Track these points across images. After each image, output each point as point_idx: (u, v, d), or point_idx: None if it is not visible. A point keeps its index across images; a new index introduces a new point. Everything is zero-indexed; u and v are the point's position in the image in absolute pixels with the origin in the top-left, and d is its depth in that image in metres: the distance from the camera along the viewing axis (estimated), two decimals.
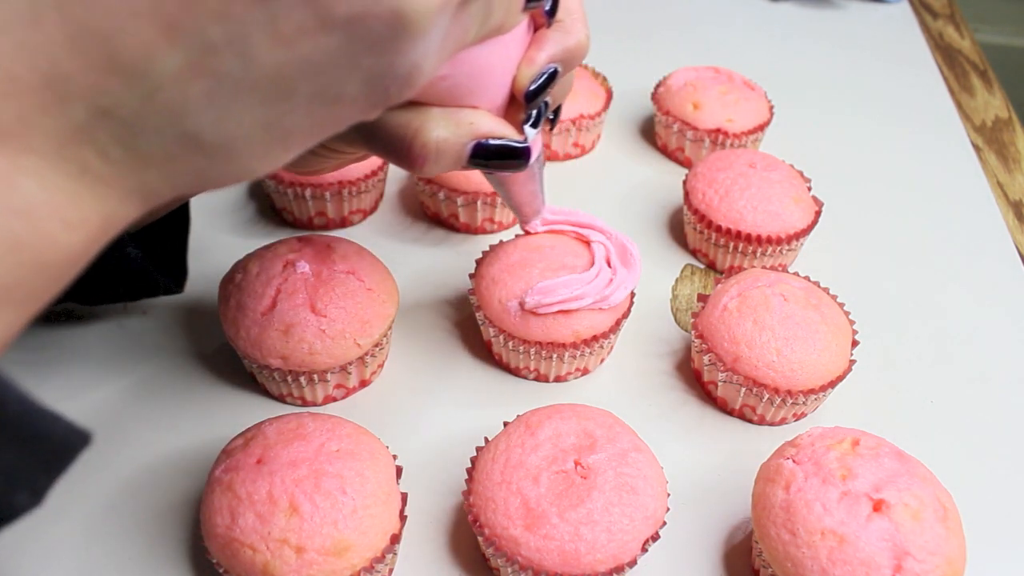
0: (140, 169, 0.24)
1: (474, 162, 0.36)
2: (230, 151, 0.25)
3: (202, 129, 0.24)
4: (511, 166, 0.37)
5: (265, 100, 0.24)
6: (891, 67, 0.90)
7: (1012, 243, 0.69)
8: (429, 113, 0.34)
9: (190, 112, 0.23)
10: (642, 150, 0.76)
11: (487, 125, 0.35)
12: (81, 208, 0.23)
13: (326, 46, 0.23)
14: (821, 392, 0.51)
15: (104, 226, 0.24)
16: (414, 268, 0.61)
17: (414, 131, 0.33)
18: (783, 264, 0.63)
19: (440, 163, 0.35)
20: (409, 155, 0.34)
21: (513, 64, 0.35)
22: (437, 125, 0.34)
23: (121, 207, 0.25)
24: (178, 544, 0.45)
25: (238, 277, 0.50)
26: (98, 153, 0.23)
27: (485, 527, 0.41)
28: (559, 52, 0.36)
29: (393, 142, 0.34)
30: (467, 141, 0.35)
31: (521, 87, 0.36)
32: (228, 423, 0.50)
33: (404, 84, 0.26)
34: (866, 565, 0.38)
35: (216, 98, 0.23)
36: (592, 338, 0.52)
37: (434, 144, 0.34)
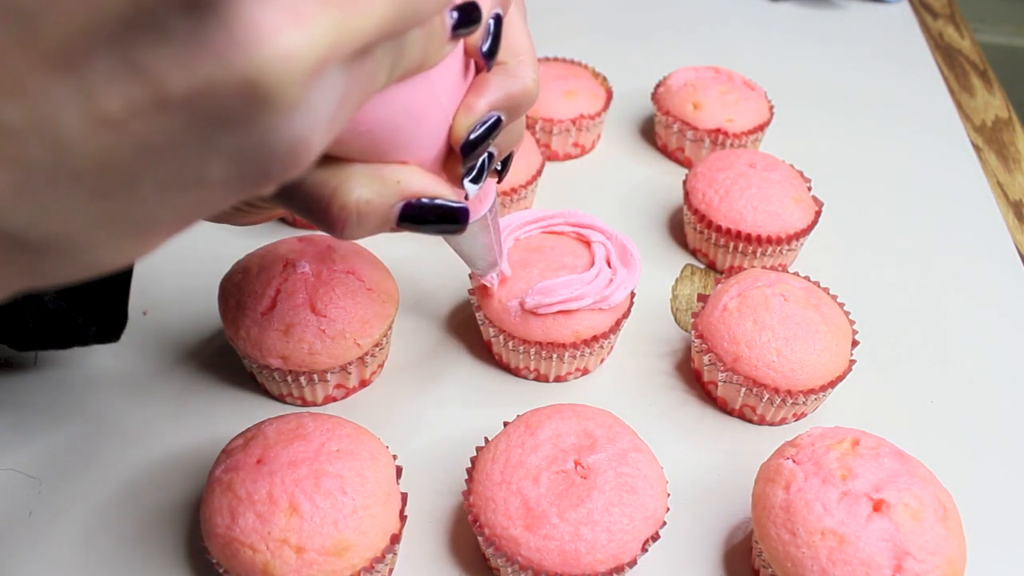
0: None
1: (404, 225, 0.31)
2: (65, 246, 0.20)
3: (18, 226, 0.19)
4: (447, 229, 0.32)
5: (98, 191, 0.19)
6: (891, 67, 0.90)
7: (1012, 243, 0.69)
8: (349, 171, 0.29)
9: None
10: (642, 150, 0.76)
11: (417, 183, 0.31)
12: None
13: (166, 127, 0.19)
14: (821, 392, 0.51)
15: None
16: (414, 268, 0.61)
17: (332, 191, 0.29)
18: (783, 264, 0.63)
19: (363, 226, 0.30)
20: (328, 218, 0.29)
21: (448, 112, 0.31)
22: (358, 184, 0.29)
23: None
24: (178, 544, 0.45)
25: (238, 277, 0.50)
26: None
27: (485, 527, 0.41)
28: (501, 98, 0.32)
29: (311, 203, 0.29)
30: (394, 202, 0.30)
31: (458, 138, 0.31)
32: (228, 423, 0.50)
33: (286, 162, 0.21)
34: (866, 565, 0.38)
35: (28, 192, 0.19)
36: (592, 338, 0.52)
37: (354, 206, 0.29)
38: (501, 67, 0.32)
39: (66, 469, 0.48)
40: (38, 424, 0.50)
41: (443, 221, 0.32)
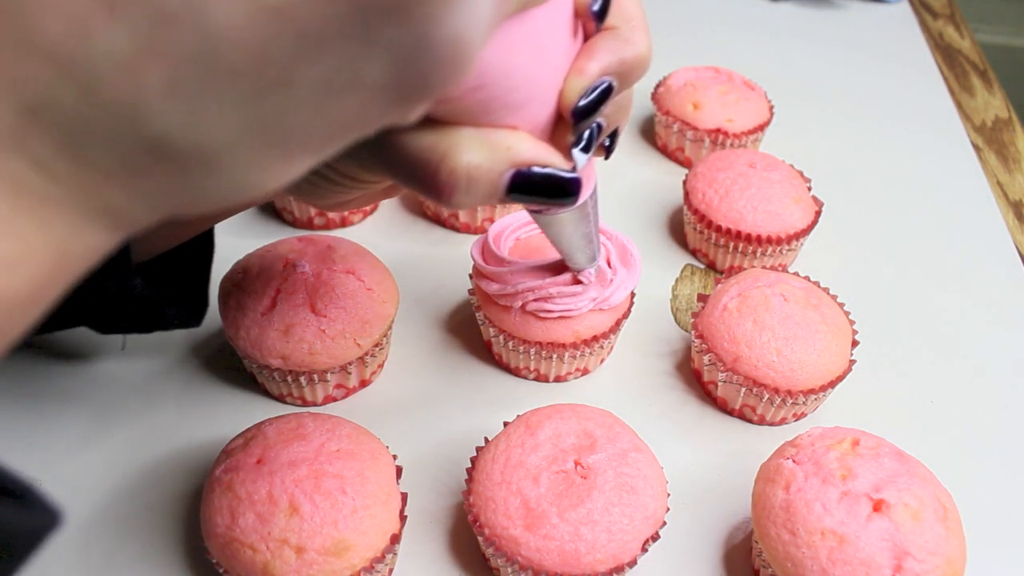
0: (97, 186, 0.19)
1: (513, 195, 0.30)
2: (212, 160, 0.19)
3: (167, 131, 0.18)
4: (558, 201, 0.31)
5: (251, 93, 0.18)
6: (891, 67, 0.90)
7: (1012, 243, 0.69)
8: (459, 134, 0.28)
9: (149, 110, 0.18)
10: (642, 150, 0.76)
11: (528, 150, 0.29)
12: (21, 239, 0.18)
13: (328, 14, 0.18)
14: (821, 392, 0.51)
15: (59, 260, 0.19)
16: (414, 268, 0.61)
17: (441, 155, 0.28)
18: (783, 264, 0.63)
19: (472, 194, 0.29)
20: (435, 183, 0.28)
21: (558, 75, 0.30)
22: (468, 148, 0.28)
23: (82, 235, 0.19)
24: (178, 544, 0.45)
25: (238, 277, 0.50)
26: (36, 166, 0.18)
27: (485, 527, 0.41)
28: (615, 63, 0.30)
29: (417, 168, 0.28)
30: (504, 169, 0.29)
31: (569, 102, 0.30)
32: (228, 423, 0.50)
33: (448, 66, 0.20)
34: (866, 565, 0.38)
35: (181, 90, 0.18)
36: (592, 338, 0.52)
37: (464, 171, 0.28)
38: (613, 32, 0.31)
39: (66, 469, 0.48)
40: (38, 423, 0.50)
41: (554, 192, 0.31)
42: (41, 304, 0.20)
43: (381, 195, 0.37)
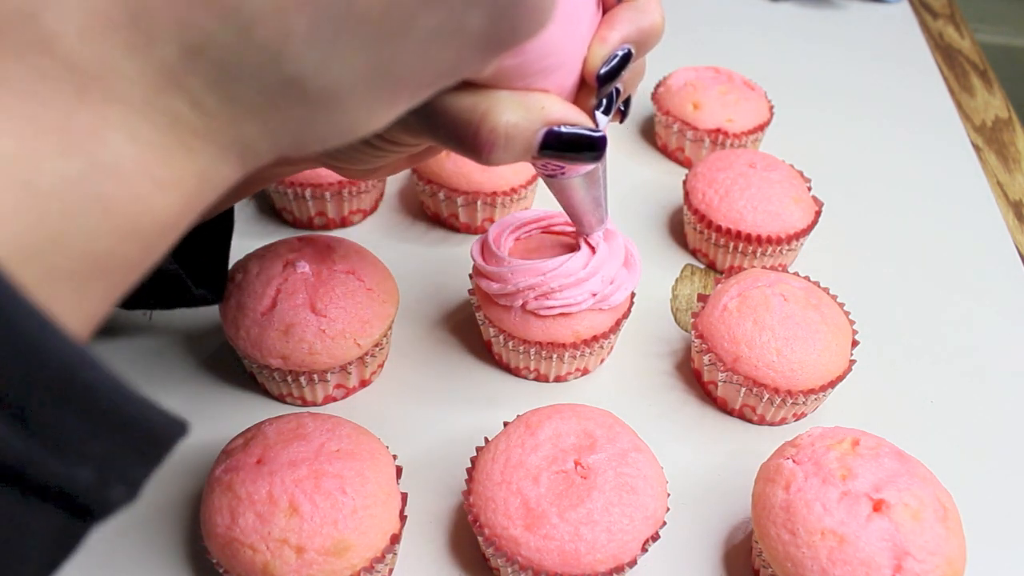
0: (237, 120, 0.21)
1: (545, 152, 0.33)
2: (334, 100, 0.22)
3: (304, 73, 0.21)
4: (585, 158, 0.34)
5: (374, 39, 0.21)
6: (891, 67, 0.90)
7: (1012, 243, 0.69)
8: (497, 96, 0.31)
9: (291, 52, 0.20)
10: (642, 150, 0.76)
11: (560, 110, 0.32)
12: (174, 166, 0.21)
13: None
14: (821, 392, 0.51)
15: (200, 187, 0.22)
16: (414, 268, 0.61)
17: (481, 115, 0.31)
18: (783, 264, 0.63)
19: (509, 150, 0.32)
20: (476, 142, 0.31)
21: (583, 44, 0.33)
22: (506, 109, 0.31)
23: (217, 166, 0.22)
24: (178, 544, 0.45)
25: (238, 277, 0.50)
26: (191, 101, 0.20)
27: (485, 527, 0.41)
28: (633, 32, 0.33)
29: (458, 128, 0.31)
30: (539, 127, 0.32)
31: (593, 68, 0.33)
32: (228, 423, 0.50)
33: (533, 18, 0.24)
34: (866, 565, 0.38)
35: (319, 34, 0.20)
36: (592, 338, 0.52)
37: (503, 129, 0.31)
38: (630, 3, 0.34)
39: None
40: None
41: (583, 148, 0.33)
42: (181, 227, 0.22)
43: (407, 162, 0.40)
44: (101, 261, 0.20)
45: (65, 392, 0.18)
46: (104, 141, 0.19)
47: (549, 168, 0.38)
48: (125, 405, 0.20)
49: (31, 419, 0.18)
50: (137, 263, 0.21)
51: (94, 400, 0.19)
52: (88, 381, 0.19)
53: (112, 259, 0.20)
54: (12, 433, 0.18)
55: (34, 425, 0.18)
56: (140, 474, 0.22)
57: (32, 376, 0.18)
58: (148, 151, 0.20)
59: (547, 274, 0.49)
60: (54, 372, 0.18)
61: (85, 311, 0.20)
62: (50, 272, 0.19)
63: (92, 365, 0.19)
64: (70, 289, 0.20)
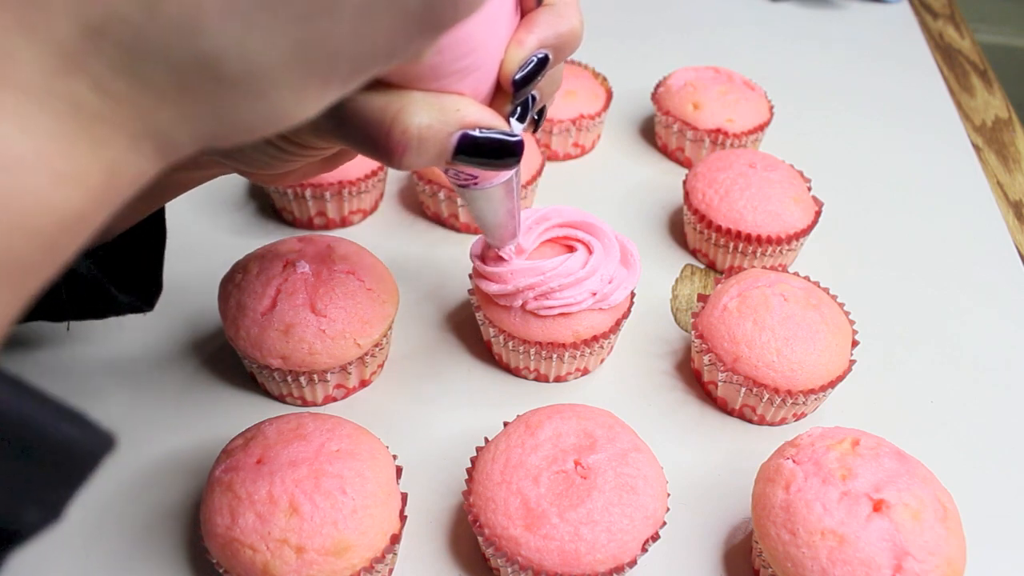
0: (148, 106, 0.20)
1: (459, 157, 0.31)
2: (256, 83, 0.20)
3: (221, 50, 0.19)
4: (501, 163, 0.33)
5: (301, 14, 0.20)
6: (891, 67, 0.90)
7: (1012, 243, 0.69)
8: (410, 96, 0.30)
9: (204, 27, 0.19)
10: (642, 150, 0.76)
11: (476, 113, 0.31)
12: (75, 158, 0.19)
13: None
14: (821, 392, 0.51)
15: (110, 181, 0.20)
16: (414, 268, 0.61)
17: (393, 116, 0.29)
18: (783, 264, 0.63)
19: (421, 154, 0.30)
20: (387, 144, 0.30)
21: (501, 47, 0.32)
22: (419, 110, 0.30)
23: (130, 158, 0.20)
24: (178, 544, 0.45)
25: (238, 277, 0.50)
26: (94, 85, 0.19)
27: (485, 527, 0.41)
28: (550, 37, 0.32)
29: (369, 129, 0.30)
30: (453, 130, 0.30)
31: (509, 71, 0.32)
32: (228, 423, 0.50)
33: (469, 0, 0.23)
34: (866, 565, 0.38)
35: (236, 10, 0.19)
36: (592, 338, 0.52)
37: (416, 131, 0.30)
38: (549, 7, 0.33)
39: None
40: None
41: (499, 154, 0.32)
42: (90, 225, 0.20)
43: (317, 168, 0.38)
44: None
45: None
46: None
47: (461, 177, 0.38)
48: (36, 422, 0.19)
49: None
50: (39, 265, 0.19)
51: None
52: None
53: (8, 262, 0.18)
54: None
55: None
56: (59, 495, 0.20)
57: None
58: (45, 142, 0.18)
59: (547, 274, 0.49)
60: None
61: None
62: None
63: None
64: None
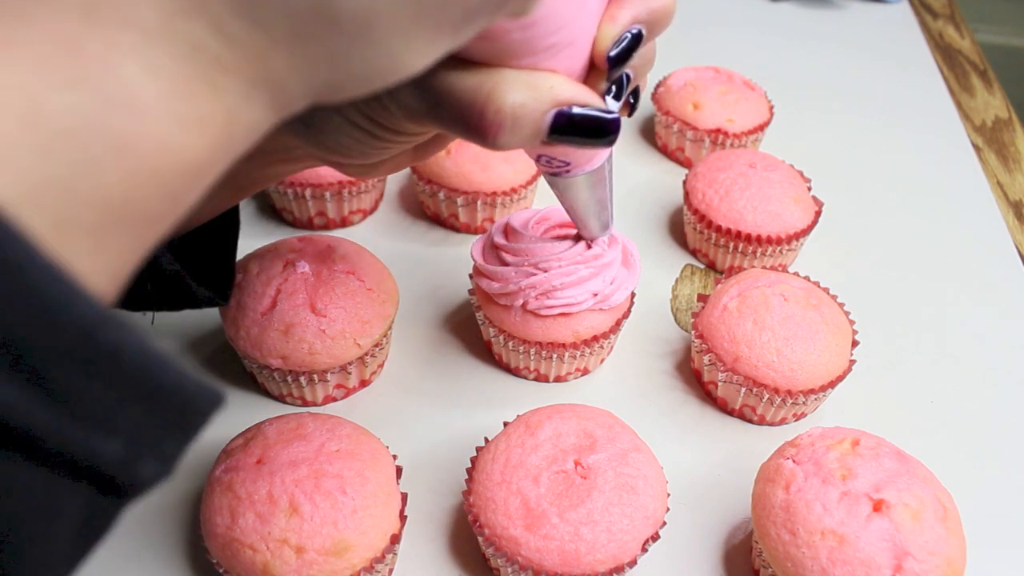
0: (264, 51, 0.20)
1: (554, 136, 0.31)
2: (369, 29, 0.20)
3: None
4: (597, 142, 0.32)
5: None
6: (891, 67, 0.90)
7: (1012, 243, 0.69)
8: (503, 74, 0.29)
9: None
10: (642, 150, 0.76)
11: (570, 90, 0.30)
12: (196, 102, 0.19)
13: None
14: (821, 392, 0.51)
15: (228, 129, 0.20)
16: (414, 268, 0.61)
17: (487, 95, 0.29)
18: (783, 264, 0.63)
19: (516, 133, 0.30)
20: (481, 123, 0.29)
21: (592, 23, 0.31)
22: (513, 88, 0.29)
23: (246, 106, 0.20)
24: (178, 544, 0.45)
25: (238, 277, 0.50)
26: (213, 27, 0.19)
27: (485, 527, 0.41)
28: (644, 12, 0.32)
29: (463, 109, 0.29)
30: (548, 108, 0.30)
31: (603, 48, 0.31)
32: (228, 423, 0.50)
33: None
34: (866, 565, 0.38)
35: None
36: (592, 338, 0.52)
37: (510, 109, 0.29)
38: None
39: None
40: None
41: (595, 132, 0.31)
42: (207, 176, 0.20)
43: (409, 157, 0.38)
44: (118, 209, 0.18)
45: (87, 355, 0.17)
46: (116, 72, 0.17)
47: (554, 165, 0.37)
48: (154, 371, 0.18)
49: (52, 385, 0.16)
50: (160, 214, 0.19)
51: (119, 364, 0.17)
52: (112, 343, 0.17)
53: (130, 207, 0.18)
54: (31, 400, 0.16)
55: (55, 392, 0.16)
56: (173, 448, 0.20)
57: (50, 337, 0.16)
58: (167, 83, 0.18)
59: (550, 272, 0.49)
60: (74, 332, 0.16)
61: (104, 268, 0.18)
62: (60, 221, 0.17)
63: (117, 326, 0.17)
64: (84, 242, 0.17)
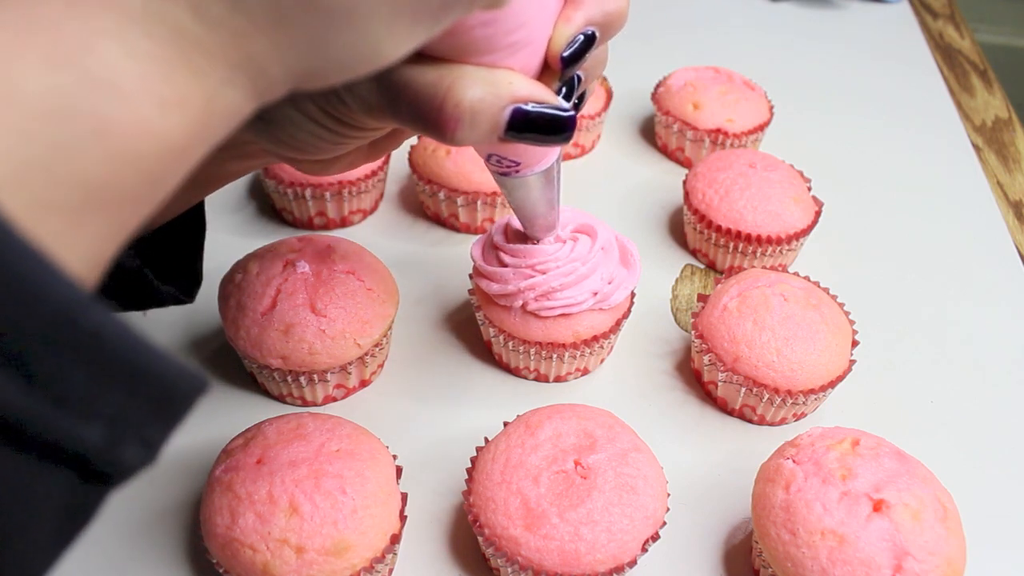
0: (245, 36, 0.20)
1: (511, 133, 0.31)
2: (352, 14, 0.21)
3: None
4: (553, 139, 0.32)
5: None
6: (891, 67, 0.90)
7: (1012, 243, 0.69)
8: (463, 70, 0.29)
9: None
10: (642, 150, 0.76)
11: (527, 87, 0.31)
12: (177, 85, 0.19)
13: None
14: (821, 392, 0.51)
15: (208, 113, 0.20)
16: (414, 268, 0.61)
17: (446, 89, 0.29)
18: (783, 264, 0.63)
19: (474, 128, 0.30)
20: (440, 118, 0.30)
21: (550, 24, 0.32)
22: (472, 83, 0.29)
23: (226, 91, 0.20)
24: (178, 544, 0.45)
25: (238, 277, 0.50)
26: (194, 11, 0.19)
27: (485, 527, 0.41)
28: (598, 15, 0.32)
29: (421, 103, 0.29)
30: (506, 104, 0.30)
31: (557, 48, 0.32)
32: (228, 423, 0.50)
33: None
34: (866, 565, 0.38)
35: None
36: (592, 338, 0.52)
37: (469, 104, 0.29)
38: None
39: None
40: None
41: (550, 129, 0.32)
42: (187, 159, 0.20)
43: (365, 154, 0.38)
44: (97, 192, 0.18)
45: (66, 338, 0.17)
46: (97, 53, 0.17)
47: (504, 164, 0.38)
48: (136, 355, 0.18)
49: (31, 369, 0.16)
50: (139, 197, 0.19)
51: (100, 348, 0.17)
52: (92, 326, 0.17)
53: (110, 190, 0.18)
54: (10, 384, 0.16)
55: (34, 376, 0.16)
56: (157, 433, 0.20)
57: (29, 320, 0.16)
58: (147, 65, 0.18)
59: (548, 273, 0.49)
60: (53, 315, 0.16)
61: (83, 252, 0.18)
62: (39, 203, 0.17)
63: (96, 309, 0.17)
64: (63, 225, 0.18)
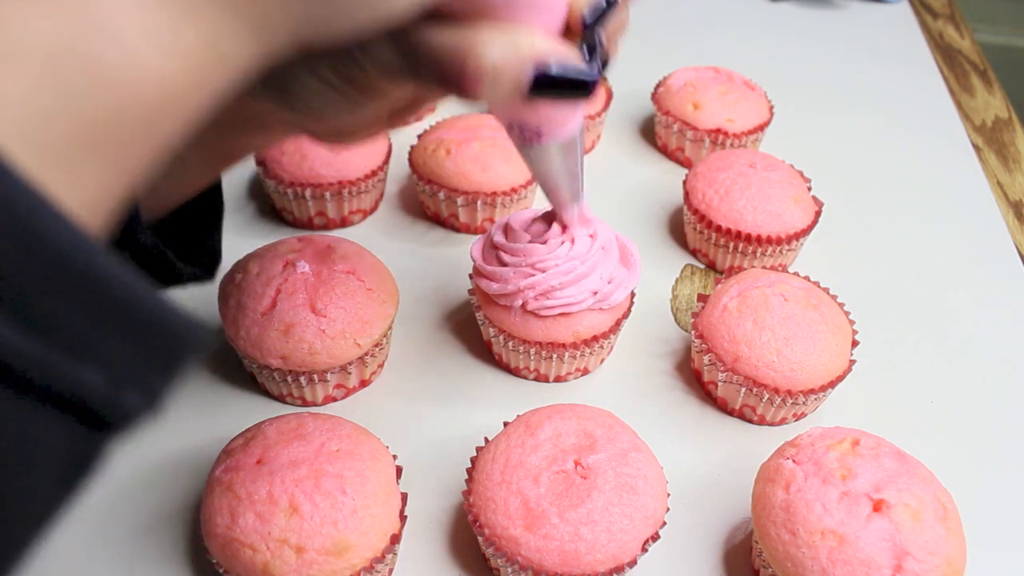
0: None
1: (534, 92, 0.31)
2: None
3: None
4: (576, 97, 0.32)
5: None
6: (891, 67, 0.90)
7: (1012, 243, 0.69)
8: (484, 29, 0.29)
9: None
10: (642, 150, 0.76)
11: (549, 46, 0.30)
12: (178, 31, 0.19)
13: None
14: (821, 392, 0.51)
15: (211, 61, 0.20)
16: (414, 268, 0.61)
17: (467, 50, 0.29)
18: (783, 264, 0.63)
19: (496, 88, 0.30)
20: (462, 79, 0.29)
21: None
22: (494, 42, 0.29)
23: (230, 38, 0.20)
24: (178, 544, 0.45)
25: (238, 277, 0.50)
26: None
27: (485, 527, 0.41)
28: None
29: (443, 63, 0.29)
30: (527, 64, 0.30)
31: (579, 8, 0.32)
32: (228, 423, 0.50)
33: None
34: (866, 565, 0.38)
35: None
36: (592, 338, 0.52)
37: (490, 64, 0.29)
38: None
39: None
40: None
41: (573, 88, 0.31)
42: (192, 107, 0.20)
43: (385, 124, 0.38)
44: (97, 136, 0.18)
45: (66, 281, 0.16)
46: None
47: (527, 133, 0.38)
48: (139, 301, 0.18)
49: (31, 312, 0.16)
50: (140, 140, 0.19)
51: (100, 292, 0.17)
52: (93, 270, 0.17)
53: (110, 133, 0.18)
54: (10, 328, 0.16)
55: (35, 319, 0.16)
56: (159, 380, 0.19)
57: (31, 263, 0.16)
58: (150, 12, 0.18)
59: (547, 272, 0.49)
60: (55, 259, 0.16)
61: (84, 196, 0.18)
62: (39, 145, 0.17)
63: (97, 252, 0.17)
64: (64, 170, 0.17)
